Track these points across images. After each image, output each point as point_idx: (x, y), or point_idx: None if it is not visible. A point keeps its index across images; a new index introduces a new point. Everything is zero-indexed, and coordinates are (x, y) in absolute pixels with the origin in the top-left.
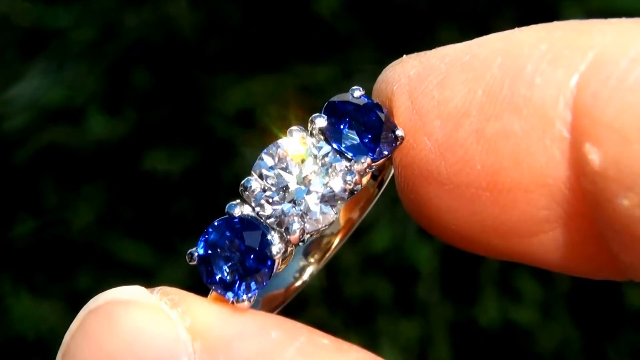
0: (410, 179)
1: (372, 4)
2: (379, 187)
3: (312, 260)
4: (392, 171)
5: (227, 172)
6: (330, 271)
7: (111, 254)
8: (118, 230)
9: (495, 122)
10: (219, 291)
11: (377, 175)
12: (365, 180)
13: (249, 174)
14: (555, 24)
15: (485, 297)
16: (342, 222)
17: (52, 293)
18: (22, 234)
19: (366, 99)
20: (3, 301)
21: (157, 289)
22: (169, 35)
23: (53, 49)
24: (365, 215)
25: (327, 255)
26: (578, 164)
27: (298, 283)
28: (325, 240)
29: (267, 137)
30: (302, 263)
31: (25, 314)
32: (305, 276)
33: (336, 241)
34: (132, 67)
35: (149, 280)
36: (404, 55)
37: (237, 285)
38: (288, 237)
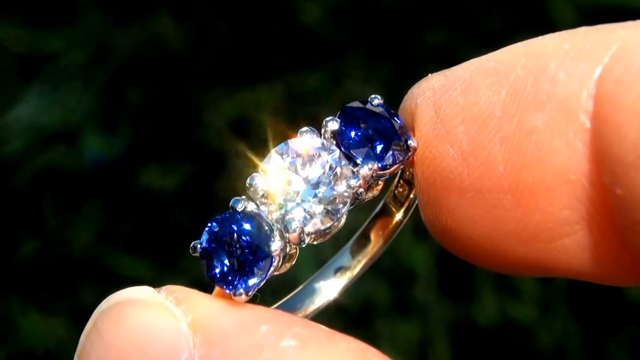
0: (432, 191)
1: (358, 10)
2: (405, 213)
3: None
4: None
5: (221, 184)
6: None
7: (113, 269)
8: (118, 246)
9: (518, 120)
10: (219, 284)
11: (403, 203)
12: (377, 190)
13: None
14: (578, 28)
15: (483, 295)
16: (368, 248)
17: (58, 309)
18: (26, 255)
19: (383, 108)
20: (12, 319)
21: (164, 288)
22: (159, 53)
23: (47, 72)
24: (389, 243)
25: (348, 282)
26: (599, 154)
27: (313, 307)
28: (347, 266)
29: (260, 147)
30: (319, 287)
31: (34, 330)
32: (321, 302)
33: (358, 268)
34: (125, 86)
35: None
36: (429, 74)
37: (236, 279)
38: (287, 235)
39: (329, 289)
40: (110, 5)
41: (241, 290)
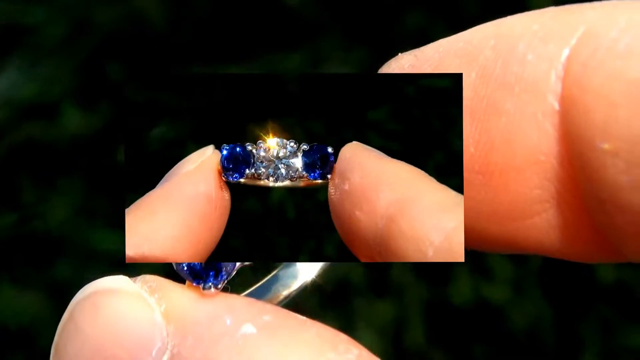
0: None
1: None
2: None
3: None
4: None
5: None
6: None
7: (90, 245)
8: (96, 221)
9: (488, 102)
10: (187, 278)
11: None
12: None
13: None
14: (548, 8)
15: (458, 276)
16: None
17: (33, 284)
18: (1, 228)
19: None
20: None
21: (139, 277)
22: (139, 29)
23: (26, 45)
24: None
25: (325, 264)
26: (567, 136)
27: (289, 290)
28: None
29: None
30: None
31: (7, 305)
32: (297, 284)
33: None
34: (105, 61)
35: (128, 269)
36: (399, 53)
37: (204, 273)
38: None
39: (305, 271)
40: None
41: (210, 284)
